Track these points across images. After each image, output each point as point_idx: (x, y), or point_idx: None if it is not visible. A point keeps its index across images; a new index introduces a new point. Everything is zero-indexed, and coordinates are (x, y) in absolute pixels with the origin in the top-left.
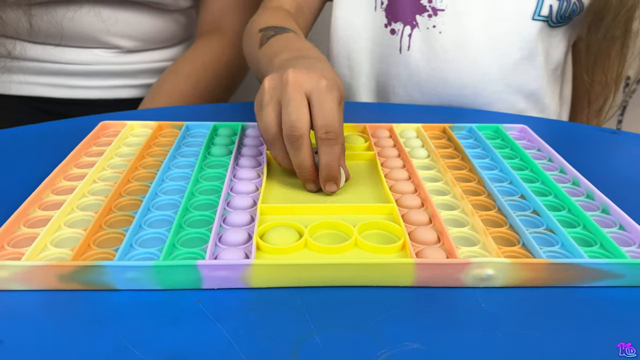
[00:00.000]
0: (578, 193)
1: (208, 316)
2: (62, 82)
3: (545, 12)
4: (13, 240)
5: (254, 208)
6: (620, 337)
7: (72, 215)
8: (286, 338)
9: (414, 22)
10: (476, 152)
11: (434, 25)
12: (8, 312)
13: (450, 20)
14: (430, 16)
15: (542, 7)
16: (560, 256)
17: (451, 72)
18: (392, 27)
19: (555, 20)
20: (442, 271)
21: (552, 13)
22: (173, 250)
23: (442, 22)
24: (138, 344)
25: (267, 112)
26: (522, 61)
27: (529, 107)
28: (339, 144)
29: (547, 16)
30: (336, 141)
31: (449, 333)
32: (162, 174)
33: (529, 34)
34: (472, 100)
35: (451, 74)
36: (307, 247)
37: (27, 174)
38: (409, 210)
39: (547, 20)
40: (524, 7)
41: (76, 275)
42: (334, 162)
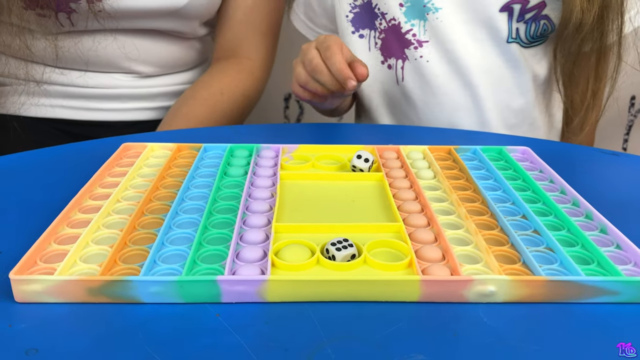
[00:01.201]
0: (577, 213)
1: (227, 328)
2: (83, 105)
3: (514, 35)
4: (45, 257)
5: (268, 226)
6: (616, 349)
7: (98, 232)
8: (300, 349)
9: (404, 55)
10: (480, 174)
11: (421, 56)
12: (42, 323)
13: (436, 50)
14: (416, 48)
15: (512, 31)
16: (558, 274)
17: (444, 96)
18: (388, 62)
19: (527, 40)
20: (446, 288)
21: (520, 36)
22: (194, 266)
23: (428, 52)
24: (162, 354)
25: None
26: (508, 79)
27: (519, 121)
28: (337, 54)
29: (515, 38)
30: (332, 52)
31: (453, 346)
32: (182, 193)
33: (509, 54)
34: (468, 120)
35: (444, 98)
36: (319, 264)
37: (55, 193)
38: (415, 229)
39: (518, 42)
40: (498, 34)
41: (104, 289)
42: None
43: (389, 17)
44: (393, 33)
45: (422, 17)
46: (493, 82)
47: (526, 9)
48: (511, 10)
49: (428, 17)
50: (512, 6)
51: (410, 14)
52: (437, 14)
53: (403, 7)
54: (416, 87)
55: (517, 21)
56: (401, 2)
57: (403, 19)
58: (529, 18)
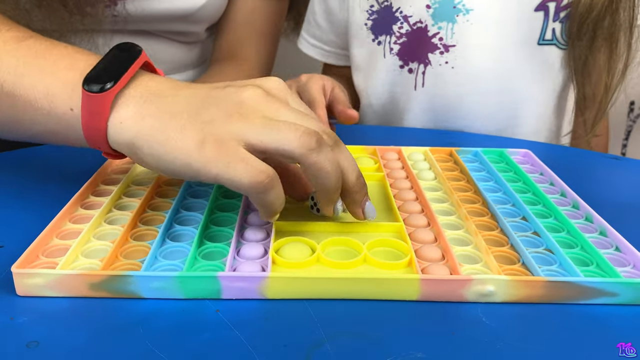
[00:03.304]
0: (577, 216)
1: (227, 324)
2: None
3: (549, 36)
4: (47, 251)
5: (269, 225)
6: (614, 350)
7: (100, 228)
8: (299, 345)
9: (427, 60)
10: (481, 175)
11: (446, 62)
12: (43, 317)
13: (462, 55)
14: (442, 53)
15: (545, 32)
16: (557, 275)
17: (464, 105)
18: (410, 66)
19: (563, 41)
20: (445, 287)
21: (557, 36)
22: (195, 263)
23: (454, 57)
24: (162, 348)
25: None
26: (532, 85)
27: (540, 128)
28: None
29: (550, 40)
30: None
31: (451, 344)
32: (184, 191)
33: (537, 59)
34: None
35: (463, 106)
36: (319, 262)
37: (58, 188)
38: (415, 229)
39: (555, 43)
40: (531, 34)
41: (105, 284)
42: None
43: (413, 20)
44: (417, 37)
45: (451, 19)
46: (516, 91)
47: (561, 6)
48: (547, 9)
49: (457, 20)
50: (547, 4)
51: (439, 16)
52: (467, 15)
53: (430, 8)
54: (438, 94)
55: (554, 20)
56: (428, 3)
57: (430, 22)
58: (564, 16)
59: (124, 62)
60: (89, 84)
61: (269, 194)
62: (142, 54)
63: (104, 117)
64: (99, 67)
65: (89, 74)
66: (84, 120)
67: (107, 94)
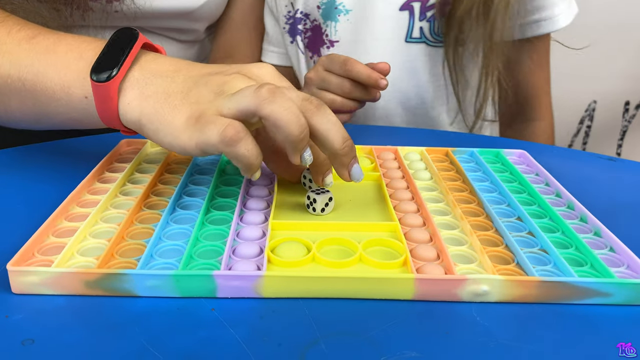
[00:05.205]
0: (572, 216)
1: (222, 322)
2: None
3: (416, 35)
4: (42, 249)
5: (265, 224)
6: (606, 350)
7: (96, 226)
8: (294, 344)
9: (320, 54)
10: (477, 176)
11: None
12: (38, 314)
13: (345, 50)
14: (329, 47)
15: (413, 31)
16: (552, 275)
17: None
18: (313, 60)
19: (433, 39)
20: (440, 286)
21: (425, 34)
22: (190, 261)
23: (339, 52)
24: (157, 347)
25: None
26: (404, 78)
27: (418, 120)
28: (356, 63)
29: (419, 38)
30: (351, 63)
31: (445, 343)
32: (180, 190)
33: (407, 54)
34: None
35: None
36: (314, 261)
37: (54, 187)
38: (411, 228)
39: (425, 41)
40: (398, 32)
41: (101, 282)
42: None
43: (312, 18)
44: (315, 33)
45: (334, 19)
46: (394, 83)
47: (427, 6)
48: (412, 9)
49: (339, 19)
50: (412, 4)
51: (326, 15)
52: (347, 15)
53: (320, 9)
54: None
55: (420, 20)
56: (318, 4)
57: (321, 20)
58: (431, 16)
59: (125, 47)
60: (97, 74)
61: (239, 146)
62: (140, 36)
63: (114, 101)
64: (102, 55)
65: (94, 65)
66: (97, 105)
67: (113, 81)
